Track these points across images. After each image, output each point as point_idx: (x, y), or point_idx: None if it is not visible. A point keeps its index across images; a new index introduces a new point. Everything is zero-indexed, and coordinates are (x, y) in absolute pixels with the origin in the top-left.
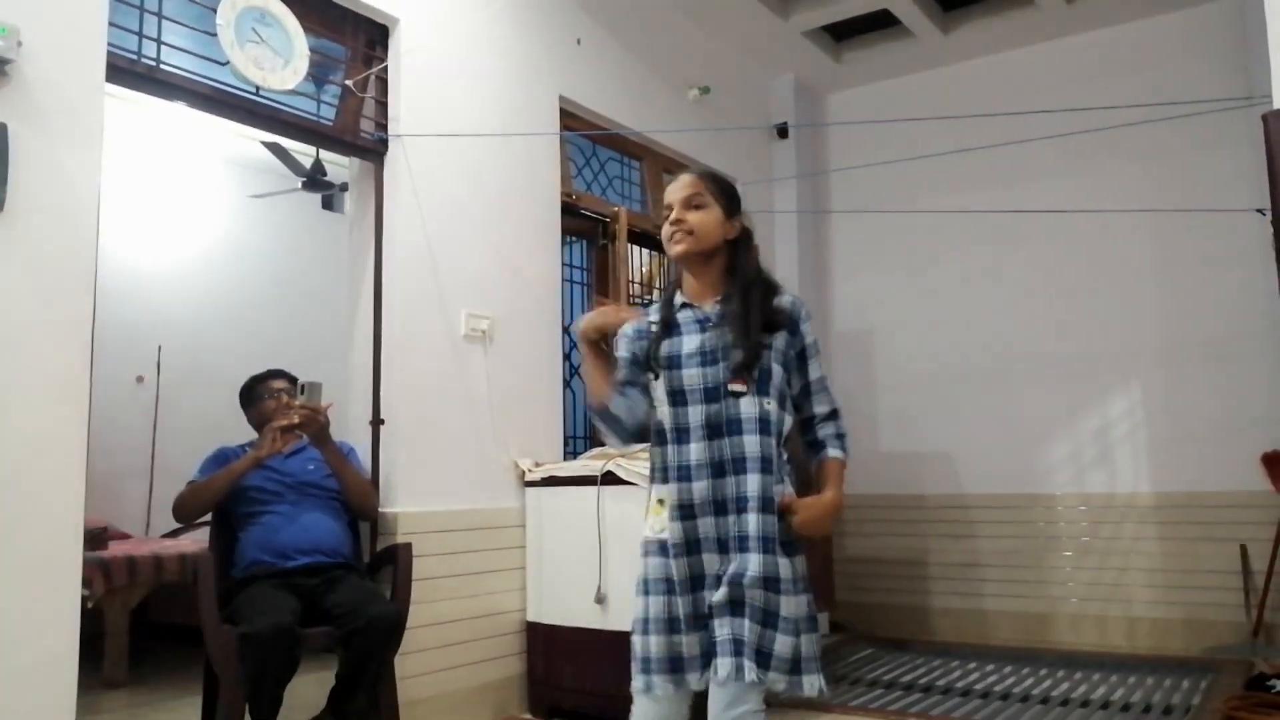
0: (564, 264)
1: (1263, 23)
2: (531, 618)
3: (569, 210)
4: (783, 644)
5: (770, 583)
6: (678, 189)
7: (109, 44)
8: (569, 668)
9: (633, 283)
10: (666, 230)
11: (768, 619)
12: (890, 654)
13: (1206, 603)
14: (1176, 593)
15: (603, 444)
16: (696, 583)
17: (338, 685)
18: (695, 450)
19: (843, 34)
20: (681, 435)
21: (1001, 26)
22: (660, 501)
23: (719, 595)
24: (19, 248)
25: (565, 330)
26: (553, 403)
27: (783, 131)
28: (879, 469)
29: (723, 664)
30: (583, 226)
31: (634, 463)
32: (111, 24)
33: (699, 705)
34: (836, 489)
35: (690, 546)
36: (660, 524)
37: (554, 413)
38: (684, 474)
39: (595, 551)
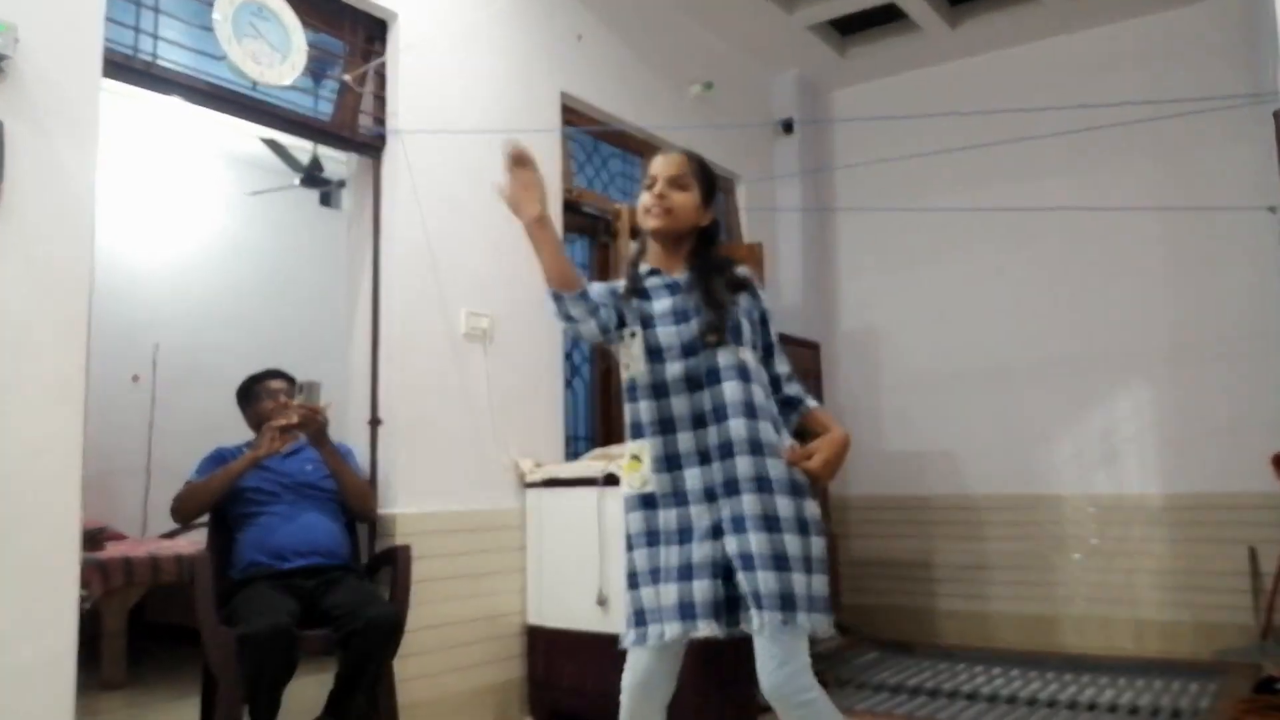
0: None
1: (1271, 19)
2: (532, 620)
3: (571, 207)
4: (799, 582)
5: (771, 521)
6: (666, 165)
7: (106, 39)
8: (570, 670)
9: None
10: (646, 200)
11: (779, 562)
12: (895, 657)
13: (1215, 605)
14: (1184, 595)
15: (604, 445)
16: (684, 534)
17: (336, 687)
18: (676, 404)
19: (848, 29)
20: (659, 390)
21: (1008, 21)
22: (636, 457)
23: (731, 547)
24: (15, 245)
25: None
26: (553, 403)
27: (787, 127)
28: (883, 469)
29: (755, 617)
30: (585, 224)
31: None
32: (108, 19)
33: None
34: (840, 426)
35: (677, 498)
36: (640, 478)
37: (555, 413)
38: (668, 426)
39: (596, 553)
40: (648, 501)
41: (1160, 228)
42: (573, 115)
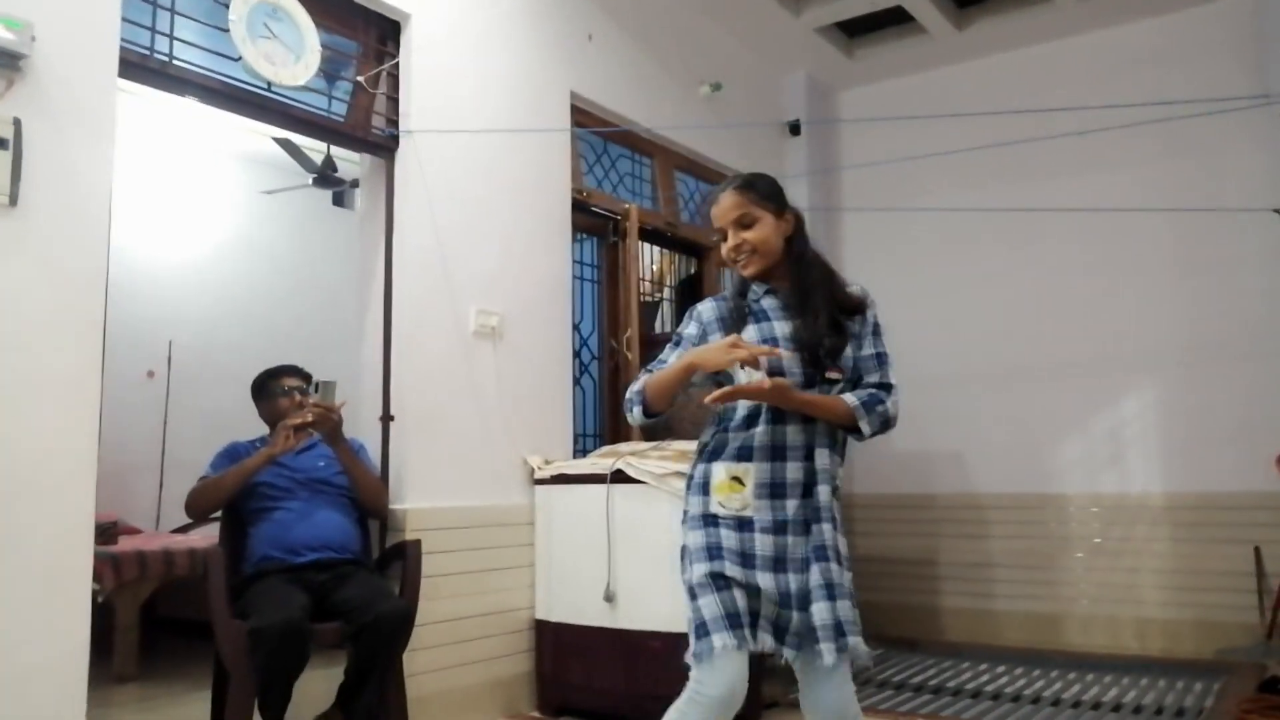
0: (574, 261)
1: (1277, 20)
2: (540, 615)
3: (579, 207)
4: (853, 610)
5: (841, 555)
6: (724, 213)
7: (122, 40)
8: (578, 666)
9: (643, 280)
10: (728, 252)
11: (844, 591)
12: (900, 654)
13: (1219, 604)
14: (1189, 594)
15: (612, 442)
16: (779, 564)
17: (347, 681)
18: (792, 433)
19: (855, 30)
20: (778, 417)
21: (1016, 23)
22: (736, 479)
23: (815, 578)
24: (31, 243)
25: (575, 328)
26: (562, 400)
27: (795, 128)
28: (890, 468)
29: (826, 649)
30: (593, 223)
31: (644, 461)
32: (124, 20)
33: None
34: (807, 393)
35: (778, 526)
36: (741, 501)
37: (564, 410)
38: (779, 454)
39: (604, 550)
40: (744, 525)
41: (1167, 229)
42: (582, 115)
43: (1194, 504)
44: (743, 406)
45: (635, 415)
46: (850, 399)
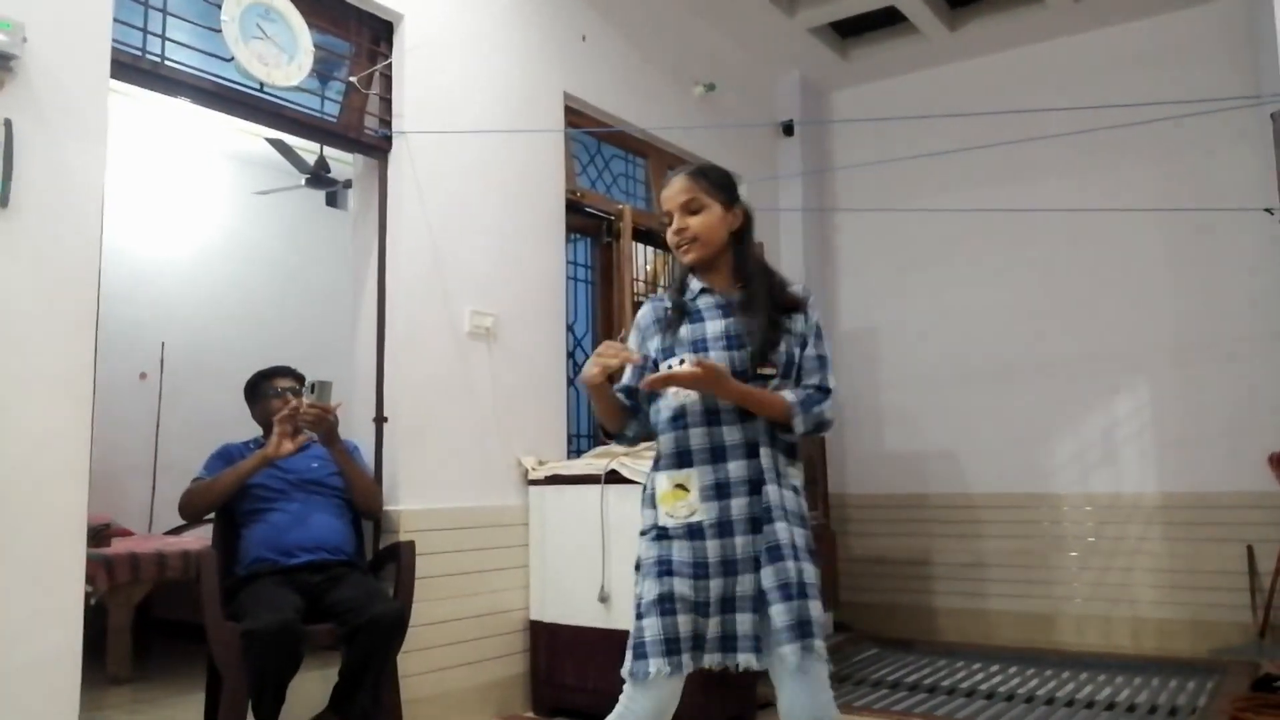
0: (568, 261)
1: (1271, 21)
2: (535, 616)
3: (573, 208)
4: (816, 609)
5: (800, 552)
6: (673, 196)
7: (113, 40)
8: (572, 666)
9: (637, 280)
10: (671, 239)
11: (805, 590)
12: (894, 654)
13: (1212, 603)
14: (1182, 593)
15: (606, 443)
16: (729, 566)
17: (340, 683)
18: (729, 433)
19: (849, 31)
20: (712, 418)
21: (1008, 24)
22: (680, 487)
23: (768, 579)
24: (23, 244)
25: (569, 328)
26: (557, 401)
27: (788, 129)
28: (883, 468)
29: (790, 650)
30: (587, 224)
31: (638, 462)
32: (116, 20)
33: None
34: (741, 384)
35: (723, 527)
36: (688, 507)
37: (558, 411)
38: (719, 455)
39: (599, 550)
40: (695, 532)
41: (1159, 229)
42: (576, 116)
43: (1187, 503)
44: (666, 408)
45: (619, 443)
46: (789, 395)
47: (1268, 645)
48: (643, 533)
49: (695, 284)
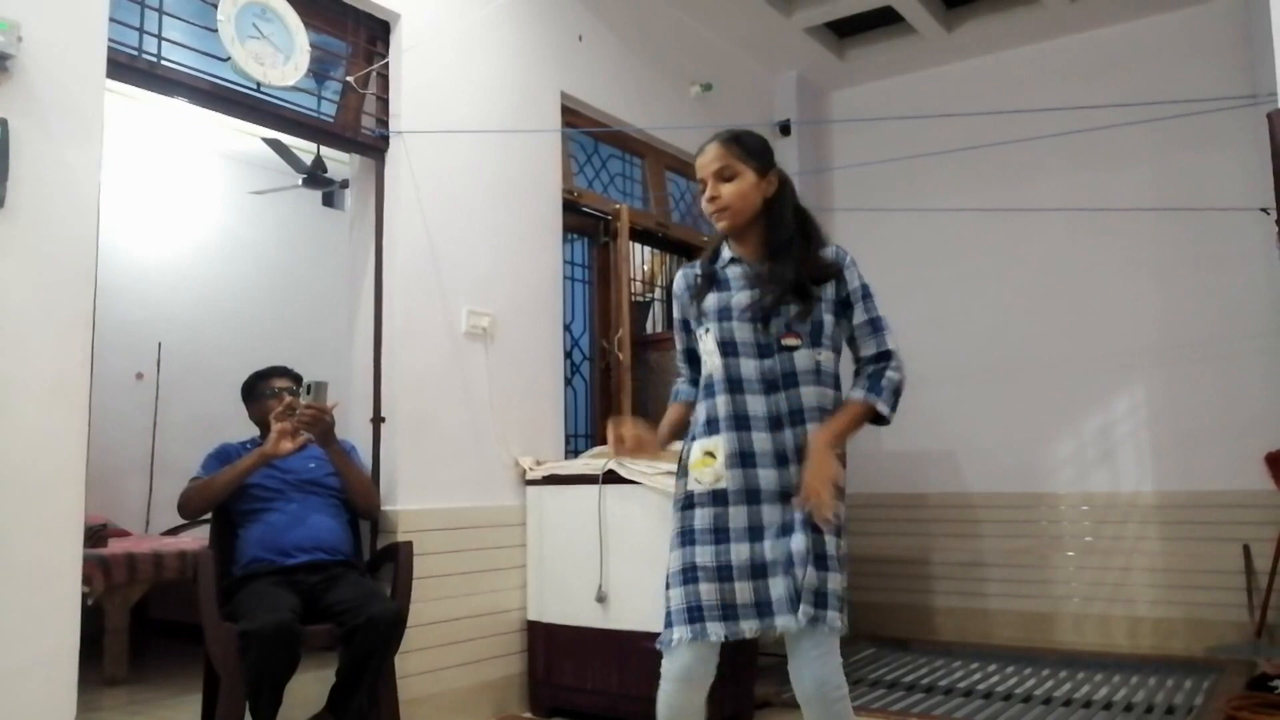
0: (565, 261)
1: (1266, 21)
2: (532, 616)
3: (570, 207)
4: (835, 581)
5: (809, 521)
6: (707, 162)
7: (110, 40)
8: (570, 667)
9: (634, 280)
10: (705, 207)
11: (825, 561)
12: (892, 653)
13: (1209, 603)
14: (1179, 593)
15: (603, 442)
16: (755, 533)
17: (338, 683)
18: (753, 403)
19: (846, 31)
20: (735, 386)
21: (1005, 24)
22: (709, 454)
23: (798, 544)
24: (19, 244)
25: (566, 328)
26: (554, 401)
27: (785, 129)
28: (881, 467)
29: (804, 612)
30: (584, 224)
31: (635, 462)
32: (112, 20)
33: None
34: (833, 421)
35: (750, 495)
36: (714, 474)
37: (555, 411)
38: (742, 424)
39: (596, 550)
40: (719, 498)
41: (1156, 228)
42: (573, 115)
43: (1184, 503)
44: (702, 377)
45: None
46: (857, 393)
47: (1264, 644)
48: (674, 503)
49: (726, 252)
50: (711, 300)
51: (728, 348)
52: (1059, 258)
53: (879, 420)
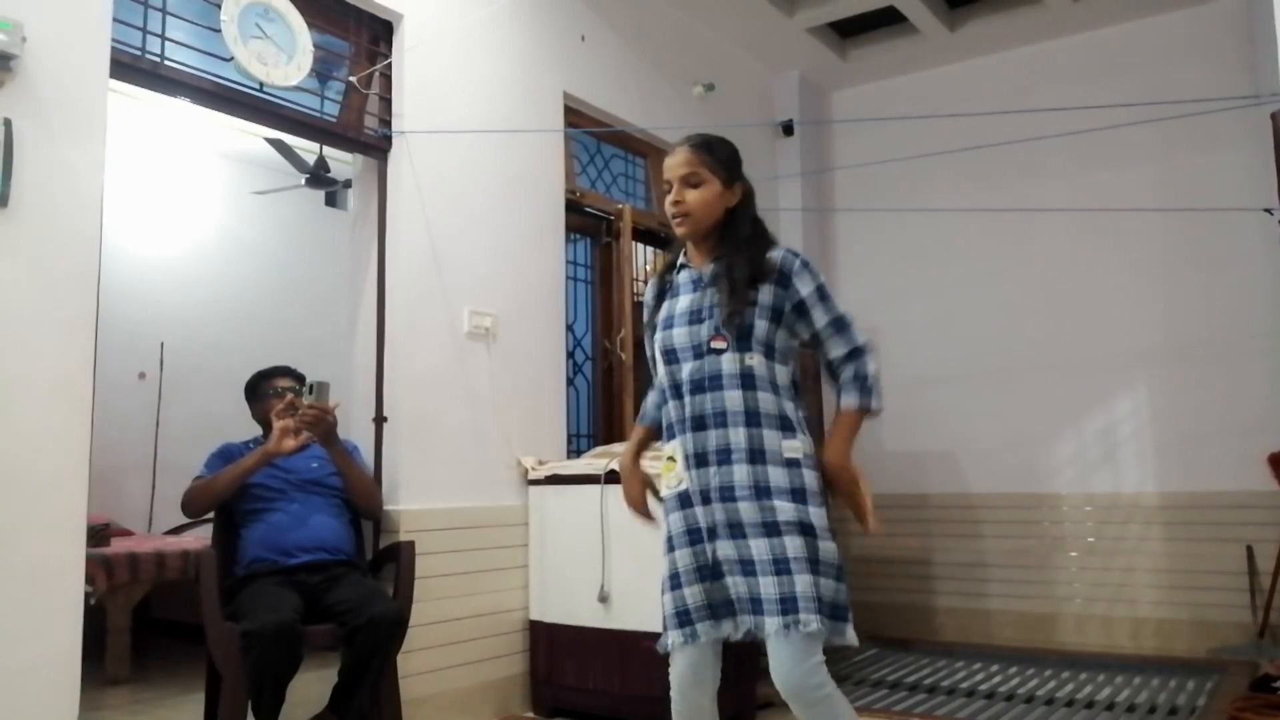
0: (568, 261)
1: (1270, 21)
2: (534, 616)
3: (573, 207)
4: (803, 583)
5: (770, 527)
6: (674, 166)
7: (113, 40)
8: (572, 667)
9: (637, 280)
10: (668, 208)
11: (780, 565)
12: (894, 654)
13: (1212, 603)
14: (1182, 593)
15: (606, 442)
16: (712, 532)
17: (340, 683)
18: (688, 405)
19: (848, 31)
20: (678, 390)
21: (1008, 24)
22: (670, 458)
23: (725, 550)
24: (22, 244)
25: (569, 328)
26: (556, 401)
27: (788, 129)
28: (883, 468)
29: (762, 621)
30: (587, 224)
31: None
32: (116, 20)
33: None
34: (835, 439)
35: (705, 495)
36: (676, 477)
37: (557, 411)
38: (698, 424)
39: (598, 550)
40: (684, 500)
41: (1159, 229)
42: (575, 115)
43: (1187, 503)
44: (656, 381)
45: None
46: (846, 403)
47: (1267, 645)
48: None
49: (680, 259)
50: (662, 310)
51: (669, 355)
52: (1061, 258)
53: (870, 415)
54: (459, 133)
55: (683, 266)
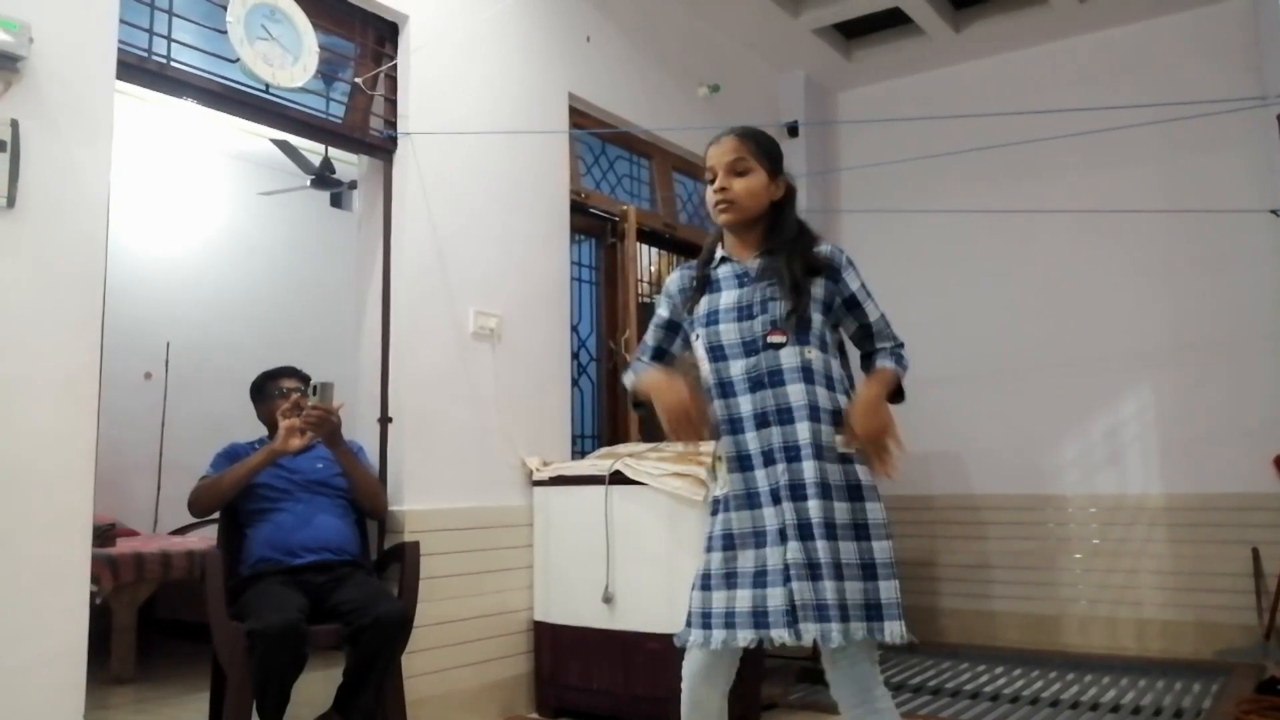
0: (572, 262)
1: (1275, 23)
2: (539, 617)
3: (578, 208)
4: (855, 590)
5: (830, 529)
6: (721, 153)
7: (120, 41)
8: (576, 667)
9: (641, 281)
10: (711, 197)
11: (835, 570)
12: (898, 655)
13: (1217, 605)
14: (1187, 595)
15: (611, 443)
16: (759, 538)
17: (345, 683)
18: (743, 403)
19: (853, 32)
20: (727, 389)
21: (1013, 25)
22: (719, 458)
23: (792, 553)
24: (29, 244)
25: (574, 329)
26: (561, 402)
27: (793, 130)
28: None
29: (830, 629)
30: (591, 225)
31: (642, 463)
32: (122, 21)
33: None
34: (873, 385)
35: (750, 499)
36: (721, 480)
37: (562, 412)
38: (737, 426)
39: (603, 551)
40: (725, 503)
41: (1165, 230)
42: (580, 116)
43: (1192, 505)
44: (701, 379)
45: (629, 381)
46: (884, 364)
47: (1272, 647)
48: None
49: (719, 252)
50: (702, 305)
51: (715, 352)
52: (1067, 259)
53: (896, 397)
54: (464, 133)
55: (724, 260)
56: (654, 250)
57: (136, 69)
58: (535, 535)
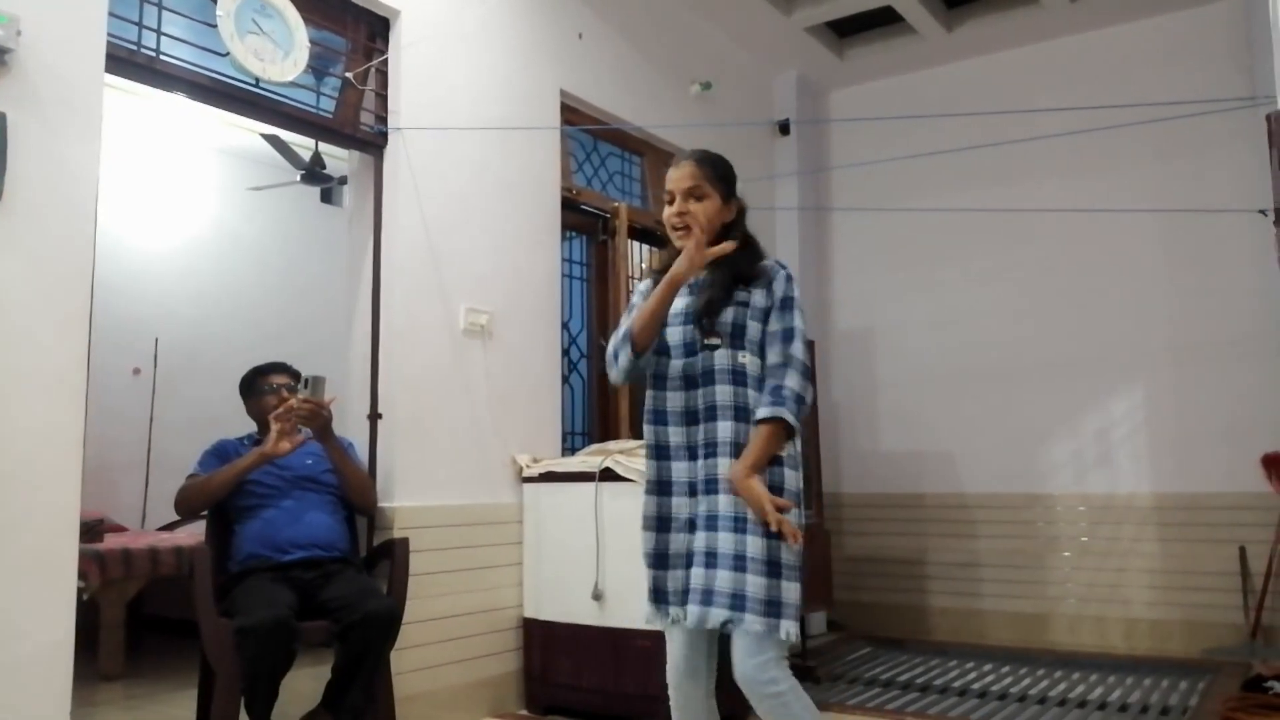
0: (564, 259)
1: (1267, 23)
2: (529, 614)
3: (569, 205)
4: (755, 585)
5: (740, 523)
6: (679, 178)
7: (109, 34)
8: (566, 664)
9: (632, 278)
10: (669, 216)
11: (738, 562)
12: (887, 653)
13: (1205, 604)
14: (1175, 594)
15: (601, 440)
16: (663, 523)
17: (334, 679)
18: (671, 398)
19: (846, 30)
20: (659, 383)
21: (1005, 25)
22: (643, 447)
23: (698, 542)
24: (17, 238)
25: (565, 326)
26: (551, 398)
27: (784, 128)
28: (878, 468)
29: (707, 612)
30: (583, 222)
31: (632, 459)
32: (111, 14)
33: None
34: (749, 452)
35: (662, 487)
36: (642, 464)
37: (552, 409)
38: (660, 419)
39: (593, 548)
40: (648, 488)
41: (1155, 230)
42: (572, 113)
43: (1181, 504)
44: (650, 370)
45: (622, 363)
46: (761, 413)
47: (1259, 646)
48: None
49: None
50: None
51: (661, 350)
52: (1057, 259)
53: (789, 432)
54: (455, 129)
55: None
56: (645, 247)
57: (126, 62)
58: (525, 532)
